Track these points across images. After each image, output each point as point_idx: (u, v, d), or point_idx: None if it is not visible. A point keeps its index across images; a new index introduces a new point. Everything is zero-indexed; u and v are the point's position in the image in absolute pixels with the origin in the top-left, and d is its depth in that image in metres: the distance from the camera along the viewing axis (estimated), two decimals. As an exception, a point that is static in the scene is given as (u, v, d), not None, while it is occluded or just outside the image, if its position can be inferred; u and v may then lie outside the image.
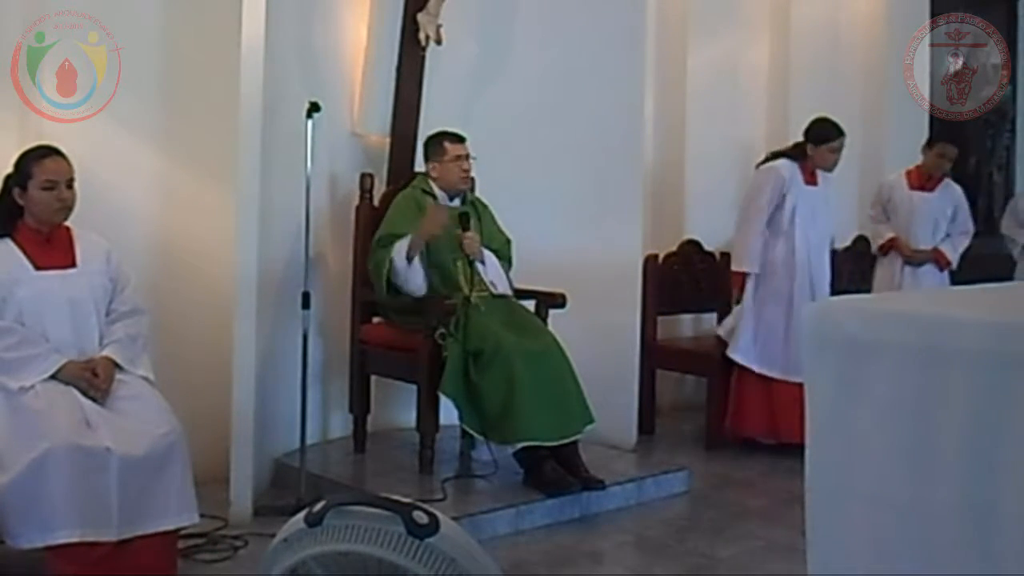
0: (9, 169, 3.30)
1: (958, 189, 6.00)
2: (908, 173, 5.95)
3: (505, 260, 4.48)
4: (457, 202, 4.44)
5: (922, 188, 5.92)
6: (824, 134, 5.16)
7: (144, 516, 3.03)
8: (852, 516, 2.09)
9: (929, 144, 5.94)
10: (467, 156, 4.38)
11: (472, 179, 4.50)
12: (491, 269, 4.37)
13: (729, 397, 5.09)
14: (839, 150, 5.19)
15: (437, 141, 4.40)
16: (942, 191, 5.93)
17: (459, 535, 1.36)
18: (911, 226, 5.87)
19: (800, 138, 5.25)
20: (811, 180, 5.21)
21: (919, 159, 6.01)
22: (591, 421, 4.15)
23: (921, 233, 5.86)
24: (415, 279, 4.21)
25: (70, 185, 3.28)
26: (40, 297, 3.23)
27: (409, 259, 4.18)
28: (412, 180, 4.49)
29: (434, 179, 4.40)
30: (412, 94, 4.58)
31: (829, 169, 5.22)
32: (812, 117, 5.23)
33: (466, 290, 4.25)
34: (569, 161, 4.89)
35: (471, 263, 4.30)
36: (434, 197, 4.39)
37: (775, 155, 5.28)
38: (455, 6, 4.57)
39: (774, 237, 5.14)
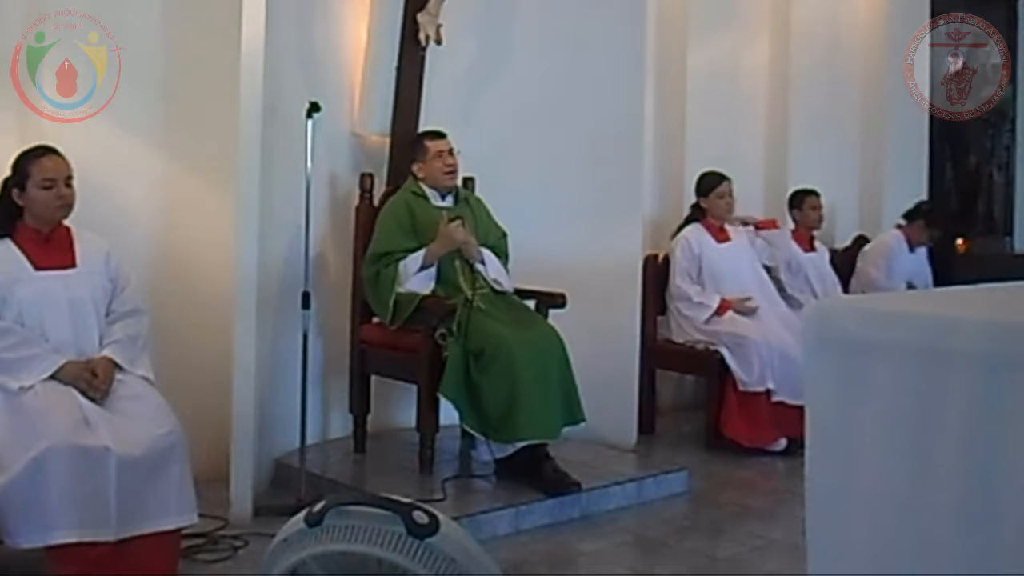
0: (7, 171, 3.30)
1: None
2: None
3: (502, 255, 4.47)
4: (449, 200, 4.44)
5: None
6: (709, 183, 5.36)
7: (143, 516, 3.03)
8: (852, 516, 2.09)
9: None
10: (450, 151, 4.38)
11: (466, 176, 4.53)
12: (492, 268, 4.37)
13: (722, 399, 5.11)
14: (728, 194, 5.37)
15: (418, 141, 4.42)
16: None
17: (459, 535, 1.36)
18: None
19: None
20: (721, 237, 5.37)
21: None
22: (584, 419, 4.16)
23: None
24: (426, 283, 4.22)
25: (68, 183, 3.28)
26: (40, 297, 3.23)
27: (424, 268, 4.21)
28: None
29: (421, 179, 4.40)
30: (412, 94, 4.58)
31: (724, 216, 5.39)
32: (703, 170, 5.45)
33: (467, 291, 4.25)
34: (569, 161, 4.89)
35: (471, 265, 4.31)
36: (426, 198, 4.39)
37: (683, 224, 5.46)
38: (455, 6, 4.57)
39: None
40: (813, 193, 5.85)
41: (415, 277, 4.20)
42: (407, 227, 4.29)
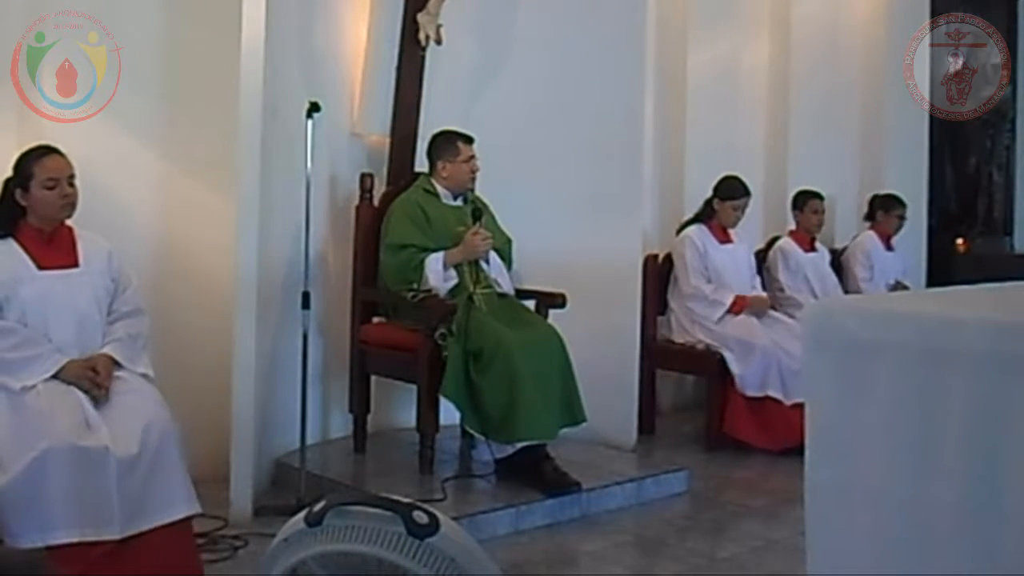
0: (9, 172, 3.30)
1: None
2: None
3: (506, 260, 4.49)
4: (460, 201, 4.45)
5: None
6: (731, 191, 5.35)
7: (148, 511, 3.03)
8: (852, 516, 2.09)
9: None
10: (474, 157, 4.40)
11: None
12: (495, 267, 4.38)
13: (726, 400, 5.11)
14: (742, 209, 5.39)
15: (450, 141, 4.40)
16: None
17: (459, 535, 1.35)
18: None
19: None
20: (723, 239, 5.40)
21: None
22: (585, 419, 4.17)
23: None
24: (446, 287, 4.23)
25: (71, 182, 3.28)
26: (43, 297, 3.23)
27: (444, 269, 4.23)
28: (413, 181, 4.49)
29: (444, 178, 4.40)
30: (412, 94, 4.58)
31: (731, 225, 5.41)
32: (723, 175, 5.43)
33: (471, 287, 4.25)
34: (569, 161, 4.89)
35: (476, 261, 4.31)
36: (437, 196, 4.39)
37: (687, 223, 5.46)
38: (455, 6, 4.57)
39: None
40: (817, 196, 5.81)
41: (436, 275, 4.21)
42: (421, 223, 4.31)
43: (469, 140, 4.40)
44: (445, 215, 4.38)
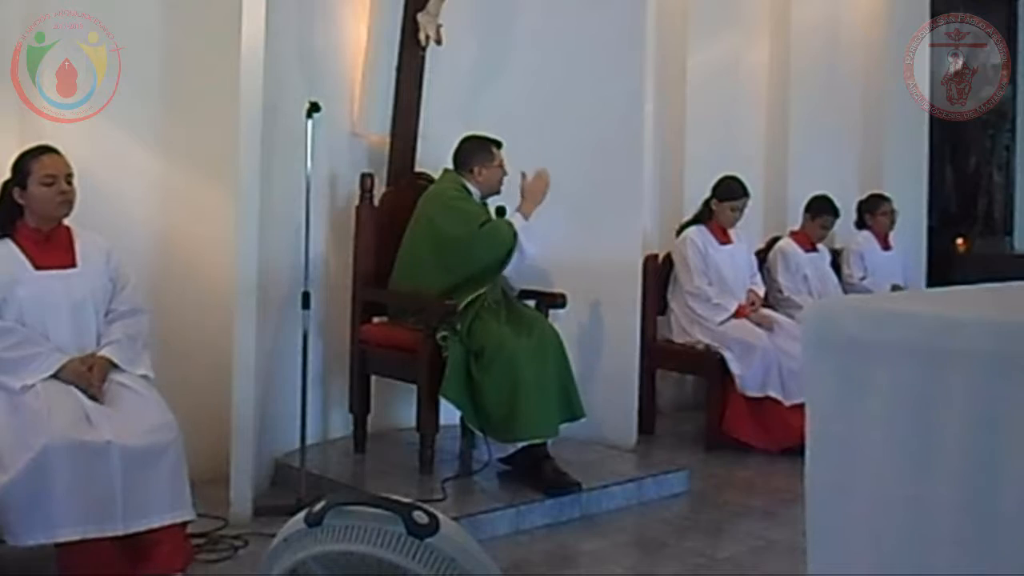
0: (7, 173, 3.30)
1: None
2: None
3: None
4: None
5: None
6: (729, 192, 5.34)
7: (148, 510, 3.04)
8: (852, 516, 2.09)
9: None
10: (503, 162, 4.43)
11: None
12: None
13: (726, 401, 5.11)
14: (740, 209, 5.38)
15: (484, 147, 4.39)
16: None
17: (459, 535, 1.35)
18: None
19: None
20: (723, 239, 5.40)
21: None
22: (583, 414, 4.18)
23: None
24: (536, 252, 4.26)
25: (69, 180, 3.29)
26: (40, 297, 3.23)
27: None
28: (414, 181, 4.49)
29: (479, 182, 4.38)
30: (412, 94, 4.58)
31: (729, 226, 5.41)
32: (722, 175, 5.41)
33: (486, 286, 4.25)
34: (569, 161, 4.88)
35: None
36: (470, 194, 4.39)
37: (685, 224, 5.45)
38: (455, 6, 4.57)
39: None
40: (833, 212, 5.76)
41: (523, 230, 4.22)
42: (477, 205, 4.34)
43: (500, 145, 4.41)
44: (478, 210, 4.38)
